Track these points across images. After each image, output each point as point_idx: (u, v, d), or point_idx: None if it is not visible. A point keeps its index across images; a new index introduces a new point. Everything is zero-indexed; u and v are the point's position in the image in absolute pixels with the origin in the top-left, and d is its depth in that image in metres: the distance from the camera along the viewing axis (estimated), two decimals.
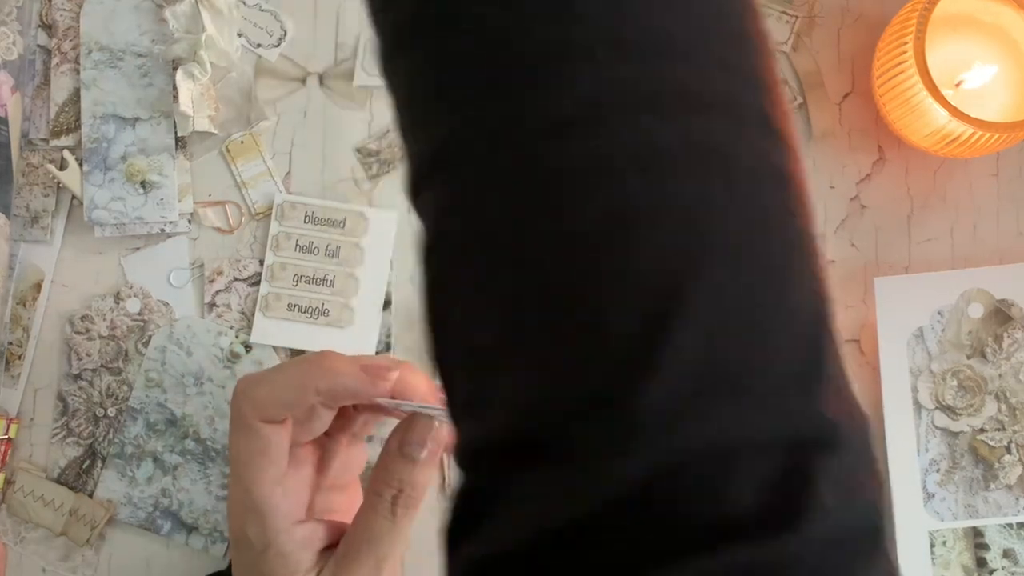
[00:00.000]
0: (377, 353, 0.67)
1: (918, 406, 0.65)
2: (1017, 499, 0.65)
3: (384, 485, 0.52)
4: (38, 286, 0.68)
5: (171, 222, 0.68)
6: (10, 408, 0.67)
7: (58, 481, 0.67)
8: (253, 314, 0.67)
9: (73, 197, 0.68)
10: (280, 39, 0.70)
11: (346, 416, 0.56)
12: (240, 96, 0.69)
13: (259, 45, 0.70)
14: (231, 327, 0.68)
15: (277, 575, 0.51)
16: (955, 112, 0.60)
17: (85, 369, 0.67)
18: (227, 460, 0.66)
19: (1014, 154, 0.69)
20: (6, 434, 0.66)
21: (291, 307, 0.67)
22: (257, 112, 0.69)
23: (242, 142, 0.69)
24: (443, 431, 0.53)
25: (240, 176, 0.69)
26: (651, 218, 0.30)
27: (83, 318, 0.68)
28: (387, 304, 0.68)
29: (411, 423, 0.53)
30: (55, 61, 0.69)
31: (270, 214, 0.68)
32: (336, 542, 0.53)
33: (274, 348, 0.67)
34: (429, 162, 0.34)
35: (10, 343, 0.68)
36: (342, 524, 0.54)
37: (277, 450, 0.52)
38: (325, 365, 0.52)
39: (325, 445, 0.57)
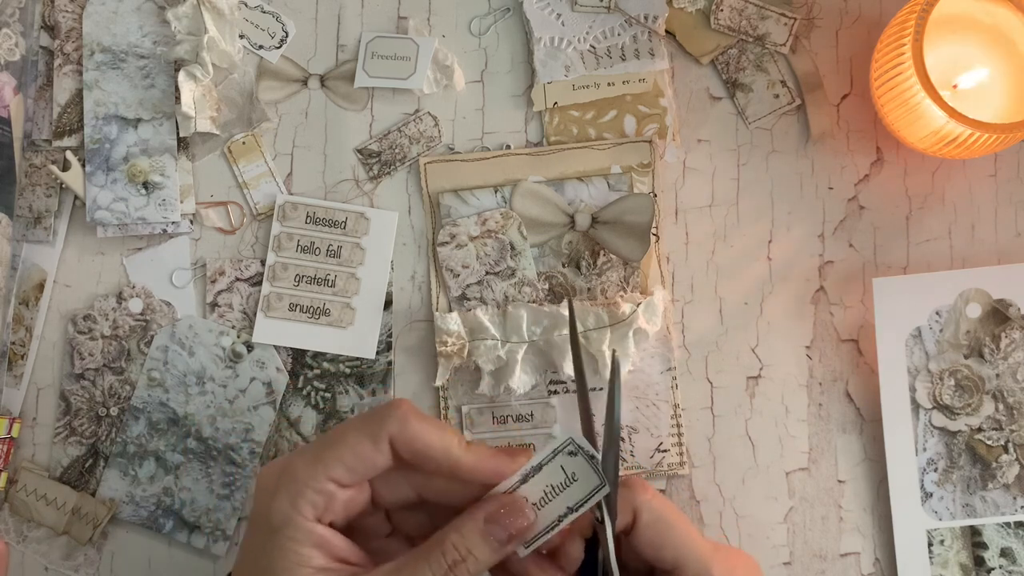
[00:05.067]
0: (378, 353, 0.67)
1: (916, 406, 0.66)
2: (1015, 498, 0.65)
3: (451, 547, 0.50)
4: (41, 286, 0.69)
5: (173, 222, 0.68)
6: (13, 407, 0.68)
7: (60, 480, 0.67)
8: (255, 314, 0.68)
9: (76, 198, 0.69)
10: (282, 41, 0.70)
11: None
12: (242, 97, 0.70)
13: (260, 47, 0.70)
14: (233, 327, 0.68)
15: (281, 564, 0.49)
16: (953, 113, 0.60)
17: (87, 369, 0.68)
18: (228, 460, 0.67)
19: (1012, 155, 0.69)
20: (9, 433, 0.67)
21: (293, 307, 0.68)
22: (259, 113, 0.69)
23: (244, 143, 0.69)
24: (531, 524, 0.51)
25: (242, 177, 0.69)
26: None
27: (85, 318, 0.68)
28: (388, 304, 0.68)
29: (509, 504, 0.51)
30: (57, 62, 0.69)
31: (272, 214, 0.68)
32: (350, 562, 0.51)
33: (275, 347, 0.68)
34: None
35: (13, 343, 0.68)
36: (365, 556, 0.52)
37: (365, 463, 0.51)
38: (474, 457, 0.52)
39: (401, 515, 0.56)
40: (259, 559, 0.50)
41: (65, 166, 0.68)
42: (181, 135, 0.68)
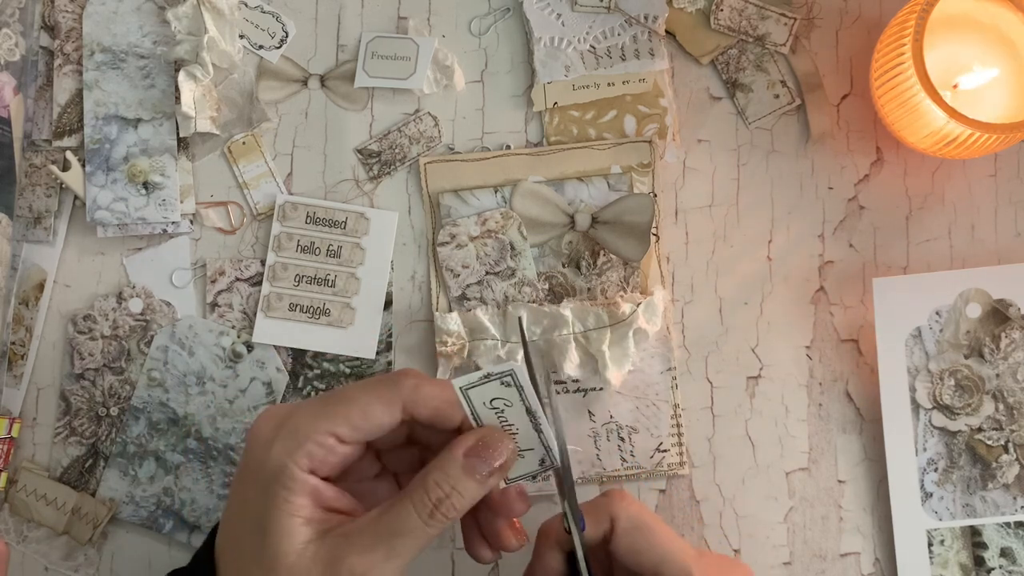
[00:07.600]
0: (378, 353, 0.67)
1: (916, 406, 0.66)
2: (1015, 498, 0.65)
3: (434, 485, 0.50)
4: (41, 286, 0.69)
5: (173, 222, 0.68)
6: (13, 408, 0.68)
7: (60, 480, 0.67)
8: (255, 314, 0.68)
9: (75, 198, 0.69)
10: (282, 41, 0.70)
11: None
12: (242, 97, 0.70)
13: (260, 47, 0.70)
14: (233, 327, 0.68)
15: (272, 514, 0.49)
16: (953, 113, 0.60)
17: (87, 369, 0.68)
18: (228, 460, 0.67)
19: (1012, 155, 0.69)
20: (9, 433, 0.67)
21: (293, 307, 0.68)
22: (259, 113, 0.69)
23: (244, 143, 0.69)
24: (511, 455, 0.51)
25: (242, 177, 0.69)
26: None
27: (85, 318, 0.68)
28: (388, 304, 0.68)
29: (487, 437, 0.51)
30: (57, 62, 0.69)
31: (272, 214, 0.68)
32: (342, 512, 0.51)
33: (275, 347, 0.68)
34: None
35: (13, 343, 0.68)
36: (355, 503, 0.53)
37: (373, 424, 0.51)
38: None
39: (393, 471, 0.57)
40: (250, 506, 0.51)
41: (65, 166, 0.68)
42: (181, 135, 0.68)
